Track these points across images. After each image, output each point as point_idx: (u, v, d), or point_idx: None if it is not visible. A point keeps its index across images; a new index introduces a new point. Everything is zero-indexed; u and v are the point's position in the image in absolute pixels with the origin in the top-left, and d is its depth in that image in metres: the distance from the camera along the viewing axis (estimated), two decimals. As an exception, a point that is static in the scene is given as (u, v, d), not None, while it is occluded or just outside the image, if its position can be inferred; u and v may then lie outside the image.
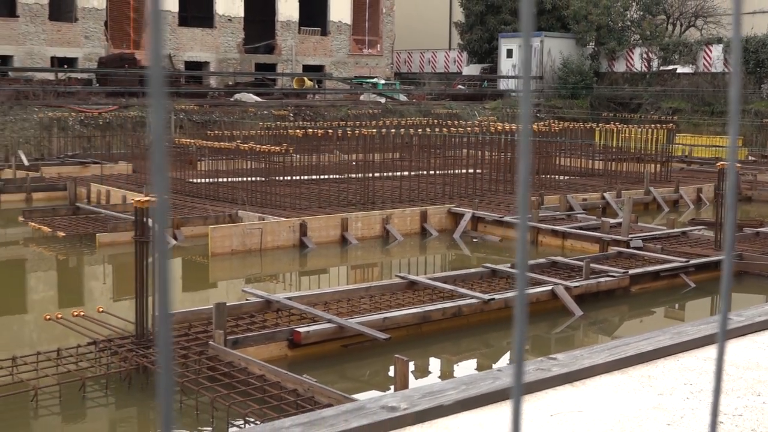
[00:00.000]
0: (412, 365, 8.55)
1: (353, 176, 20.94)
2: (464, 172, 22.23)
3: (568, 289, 12.15)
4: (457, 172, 22.22)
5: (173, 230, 16.54)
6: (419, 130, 24.09)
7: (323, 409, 3.79)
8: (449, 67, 51.43)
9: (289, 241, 16.58)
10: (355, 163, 22.16)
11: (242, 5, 43.12)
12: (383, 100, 38.94)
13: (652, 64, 41.57)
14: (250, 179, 19.80)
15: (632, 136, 25.79)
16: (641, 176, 23.13)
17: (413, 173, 21.87)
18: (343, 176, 21.55)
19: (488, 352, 11.21)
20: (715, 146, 32.40)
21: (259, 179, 19.82)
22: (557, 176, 23.61)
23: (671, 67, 40.73)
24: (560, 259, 14.09)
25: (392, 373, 8.54)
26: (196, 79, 40.30)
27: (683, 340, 4.89)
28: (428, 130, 23.95)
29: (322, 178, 21.02)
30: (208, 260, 15.67)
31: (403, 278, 12.47)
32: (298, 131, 23.64)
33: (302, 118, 32.90)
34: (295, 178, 20.98)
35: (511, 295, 11.77)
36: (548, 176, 22.98)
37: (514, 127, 23.88)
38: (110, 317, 10.48)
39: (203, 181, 20.97)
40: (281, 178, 20.00)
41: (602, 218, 17.91)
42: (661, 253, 14.87)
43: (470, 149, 23.84)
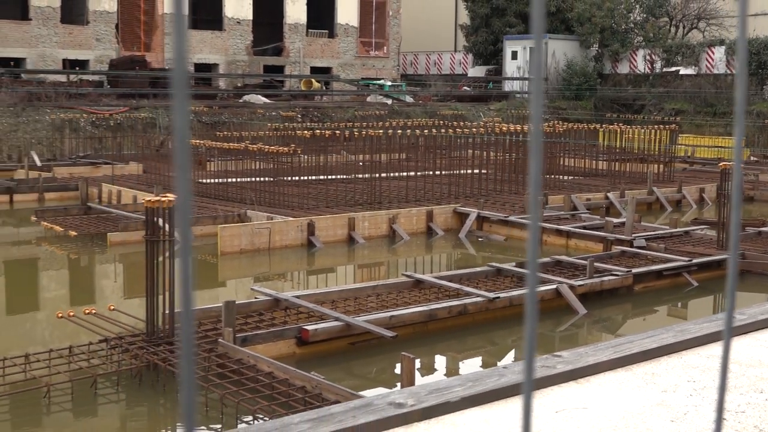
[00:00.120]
0: (418, 363, 8.55)
1: (360, 176, 20.93)
2: (470, 172, 22.21)
3: (572, 287, 12.14)
4: (462, 172, 22.20)
5: (183, 230, 16.53)
6: (425, 131, 24.05)
7: (331, 405, 3.80)
8: (455, 68, 51.40)
9: (297, 240, 16.59)
10: (362, 163, 22.15)
11: (251, 8, 43.16)
12: (390, 101, 38.93)
13: (655, 65, 41.50)
14: (258, 179, 19.82)
15: (635, 136, 25.73)
16: (644, 176, 23.08)
17: (419, 173, 21.86)
18: (350, 176, 21.55)
19: (493, 349, 11.20)
20: (717, 147, 32.34)
21: (267, 179, 19.83)
22: (561, 176, 23.58)
23: (674, 68, 40.66)
24: (564, 258, 14.07)
25: (399, 370, 8.53)
26: (205, 80, 40.36)
27: (686, 338, 4.89)
28: (434, 131, 23.93)
29: (329, 178, 21.01)
30: (217, 259, 15.68)
31: (409, 277, 12.46)
32: (305, 132, 23.66)
33: (310, 119, 32.91)
34: (302, 178, 20.98)
35: (516, 293, 11.77)
36: (552, 176, 22.95)
37: (518, 128, 23.86)
38: (121, 315, 10.49)
39: (213, 181, 20.99)
40: (289, 178, 20.00)
41: (606, 218, 17.87)
42: (664, 252, 14.84)
43: (475, 150, 23.81)
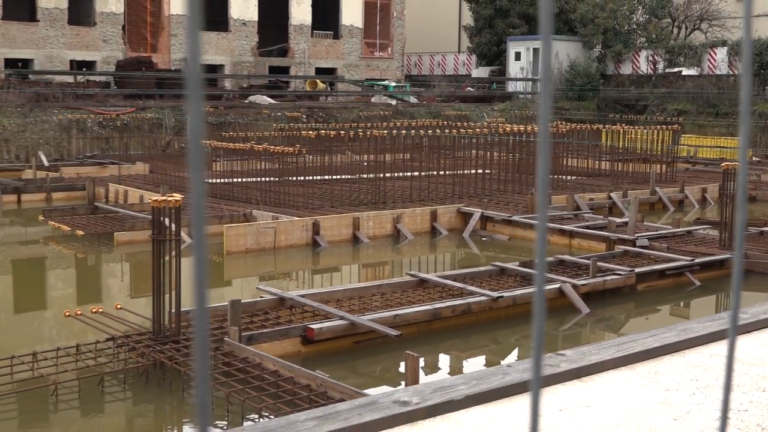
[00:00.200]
0: (422, 361, 8.54)
1: (365, 176, 20.92)
2: (473, 172, 22.19)
3: (575, 286, 12.13)
4: (466, 172, 22.19)
5: (189, 229, 16.56)
6: (429, 131, 24.05)
7: (337, 403, 3.80)
8: (458, 69, 51.38)
9: (302, 239, 16.59)
10: (366, 163, 22.14)
11: (256, 9, 43.18)
12: (394, 102, 38.92)
13: (657, 66, 41.45)
14: (264, 179, 19.83)
15: (638, 137, 25.71)
16: (647, 176, 23.06)
17: (423, 173, 21.85)
18: (354, 176, 21.54)
19: (497, 348, 11.20)
20: (719, 147, 32.28)
21: (272, 179, 19.84)
22: (565, 176, 23.57)
23: (676, 69, 40.60)
24: (568, 257, 14.06)
25: (403, 369, 8.53)
26: (211, 81, 40.36)
27: (689, 336, 4.88)
28: (438, 131, 23.92)
29: (334, 178, 21.02)
30: (223, 258, 15.69)
31: (413, 276, 12.47)
32: (310, 132, 23.65)
33: (315, 119, 32.91)
34: (308, 178, 20.98)
35: (519, 293, 11.76)
36: (556, 176, 22.93)
37: (522, 128, 23.85)
38: (128, 314, 10.51)
39: (218, 181, 20.99)
40: (294, 178, 20.00)
41: (609, 218, 17.87)
42: (666, 251, 14.83)
43: (479, 150, 23.81)
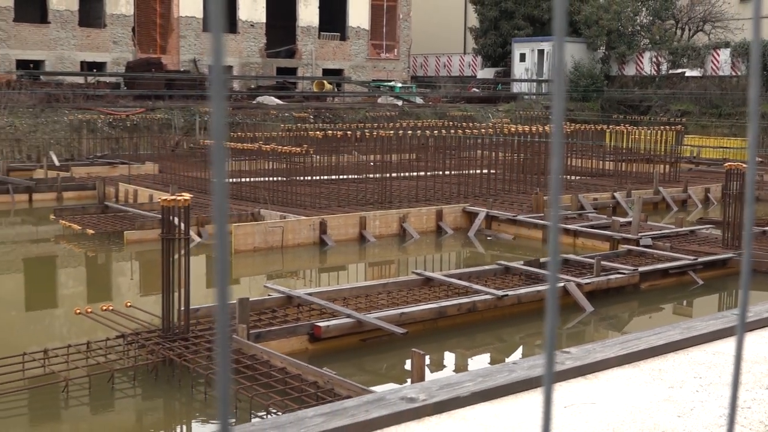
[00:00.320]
0: (428, 359, 8.54)
1: (371, 176, 20.92)
2: (478, 172, 22.18)
3: (579, 285, 12.11)
4: (471, 172, 22.17)
5: (198, 228, 16.58)
6: (435, 131, 24.03)
7: (344, 400, 3.80)
8: (464, 70, 51.34)
9: (309, 238, 16.60)
10: (373, 163, 22.14)
11: (264, 11, 43.20)
12: (400, 102, 38.91)
13: (661, 67, 41.37)
14: (271, 179, 19.82)
15: (642, 137, 25.66)
16: (650, 176, 23.02)
17: (429, 173, 21.84)
18: (361, 176, 21.53)
19: (502, 346, 11.19)
20: (722, 147, 32.21)
21: (280, 179, 19.84)
22: (569, 176, 23.53)
23: (680, 70, 40.52)
24: (572, 256, 14.04)
25: (409, 366, 8.53)
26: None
27: (693, 334, 4.87)
28: (444, 131, 23.90)
29: (341, 178, 21.02)
30: (231, 257, 15.69)
31: (419, 275, 12.46)
32: (317, 133, 23.66)
33: (322, 120, 32.92)
34: (315, 178, 20.99)
35: (524, 291, 11.76)
36: (561, 176, 22.86)
37: (527, 128, 23.82)
38: (137, 312, 10.52)
39: (227, 180, 20.99)
40: (302, 178, 20.01)
41: (613, 217, 17.83)
42: (669, 251, 14.80)
43: (484, 150, 23.78)
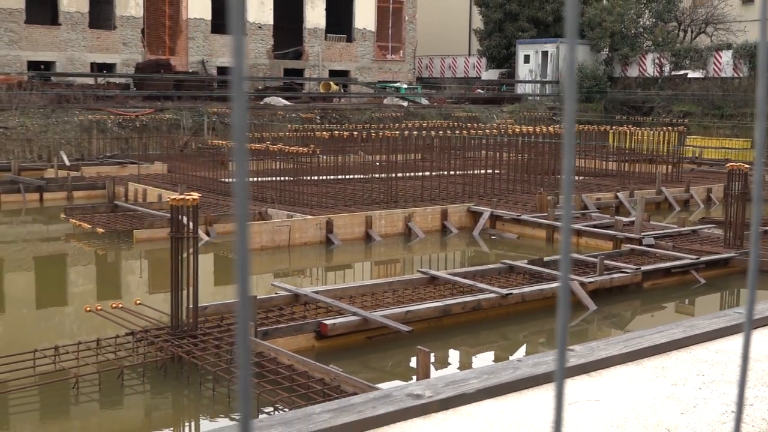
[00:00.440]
0: (433, 356, 8.54)
1: (377, 176, 20.92)
2: (483, 172, 22.16)
3: (582, 284, 12.10)
4: (476, 172, 22.16)
5: (206, 227, 16.60)
6: (440, 132, 24.02)
7: (351, 396, 3.80)
8: (469, 72, 51.33)
9: (316, 237, 16.61)
10: (378, 163, 22.13)
11: (272, 13, 43.21)
12: (406, 103, 38.90)
13: (663, 69, 41.29)
14: (279, 179, 19.84)
15: (644, 138, 25.61)
16: (653, 177, 22.98)
17: (434, 173, 21.83)
18: (367, 176, 21.54)
19: (506, 344, 11.19)
20: (724, 148, 32.15)
21: (287, 179, 19.85)
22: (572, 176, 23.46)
23: (682, 72, 40.45)
24: (575, 255, 14.01)
25: (414, 363, 8.53)
26: (228, 83, 40.39)
27: (696, 333, 4.86)
28: (449, 132, 23.89)
29: (347, 177, 21.02)
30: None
31: (424, 273, 12.46)
32: (324, 133, 23.67)
33: (328, 120, 32.93)
34: (321, 177, 20.99)
35: (528, 290, 11.75)
36: (572, 176, 22.82)
37: (530, 129, 23.80)
38: (147, 309, 10.53)
39: (234, 180, 21.01)
40: (308, 177, 20.02)
41: (616, 217, 17.80)
42: (672, 250, 14.77)
43: (489, 151, 23.76)
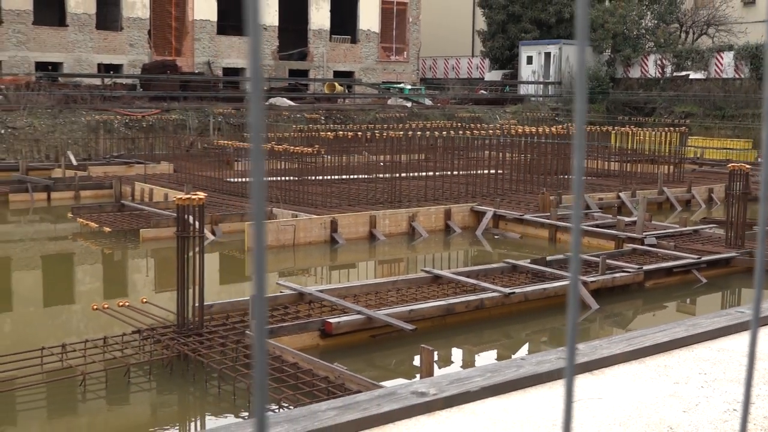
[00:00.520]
0: (436, 355, 8.53)
1: (381, 176, 20.91)
2: (486, 172, 22.15)
3: (585, 283, 12.08)
4: (479, 172, 22.15)
5: (212, 226, 16.61)
6: (443, 132, 24.02)
7: (356, 394, 3.79)
8: (472, 73, 51.30)
9: (320, 237, 16.61)
10: (382, 163, 22.13)
11: (277, 15, 43.20)
12: (409, 104, 38.89)
13: (665, 70, 41.25)
14: (284, 179, 19.84)
15: (646, 138, 25.58)
16: (655, 177, 22.95)
17: (438, 173, 21.83)
18: (371, 176, 21.52)
19: (509, 343, 11.18)
20: (725, 149, 32.11)
21: (292, 179, 19.86)
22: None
23: (684, 73, 40.39)
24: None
25: (418, 362, 8.53)
26: (233, 84, 40.45)
27: (698, 332, 4.85)
28: (452, 132, 23.89)
29: (351, 177, 21.02)
30: (244, 255, 15.71)
31: (428, 272, 12.45)
32: (329, 133, 23.66)
33: (333, 121, 32.93)
34: (326, 177, 20.99)
35: (530, 289, 11.74)
36: (566, 176, 22.86)
37: (533, 130, 23.79)
38: (153, 308, 10.54)
39: (240, 180, 21.05)
40: (313, 177, 20.02)
41: (618, 217, 17.79)
42: (674, 250, 14.75)
43: (492, 151, 23.75)
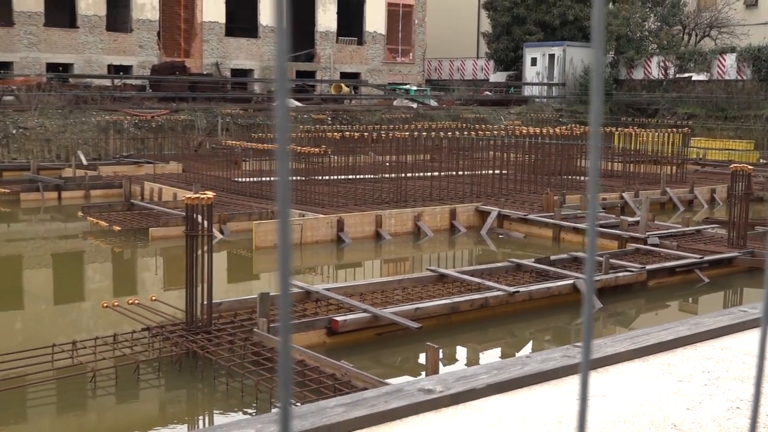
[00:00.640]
0: (441, 353, 8.53)
1: (387, 176, 20.92)
2: (491, 172, 22.14)
3: (588, 282, 12.05)
4: (484, 172, 22.14)
5: (220, 225, 16.62)
6: (449, 133, 24.01)
7: (364, 391, 3.79)
8: (477, 74, 51.27)
9: (327, 236, 16.61)
10: (388, 163, 22.13)
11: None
12: (415, 105, 38.88)
13: (668, 71, 41.17)
14: (291, 178, 19.82)
15: (649, 139, 25.54)
16: (658, 177, 22.91)
17: (443, 174, 21.81)
18: (377, 176, 21.53)
19: (513, 341, 11.17)
20: (728, 149, 32.03)
21: (299, 178, 19.88)
22: (578, 177, 23.46)
23: (687, 74, 40.31)
24: (581, 254, 13.99)
25: (423, 359, 8.53)
26: (241, 85, 40.48)
27: (701, 330, 4.85)
28: (457, 133, 23.87)
29: (357, 177, 21.02)
30: (252, 253, 15.73)
31: (433, 271, 12.45)
32: (335, 134, 23.67)
33: (339, 121, 32.95)
34: (332, 177, 21.00)
35: (534, 288, 11.73)
36: (570, 177, 22.83)
37: (537, 130, 23.77)
38: (162, 305, 10.56)
39: (247, 180, 21.07)
40: (320, 177, 20.03)
41: (621, 217, 17.76)
42: (676, 249, 14.73)
43: (496, 151, 23.74)
